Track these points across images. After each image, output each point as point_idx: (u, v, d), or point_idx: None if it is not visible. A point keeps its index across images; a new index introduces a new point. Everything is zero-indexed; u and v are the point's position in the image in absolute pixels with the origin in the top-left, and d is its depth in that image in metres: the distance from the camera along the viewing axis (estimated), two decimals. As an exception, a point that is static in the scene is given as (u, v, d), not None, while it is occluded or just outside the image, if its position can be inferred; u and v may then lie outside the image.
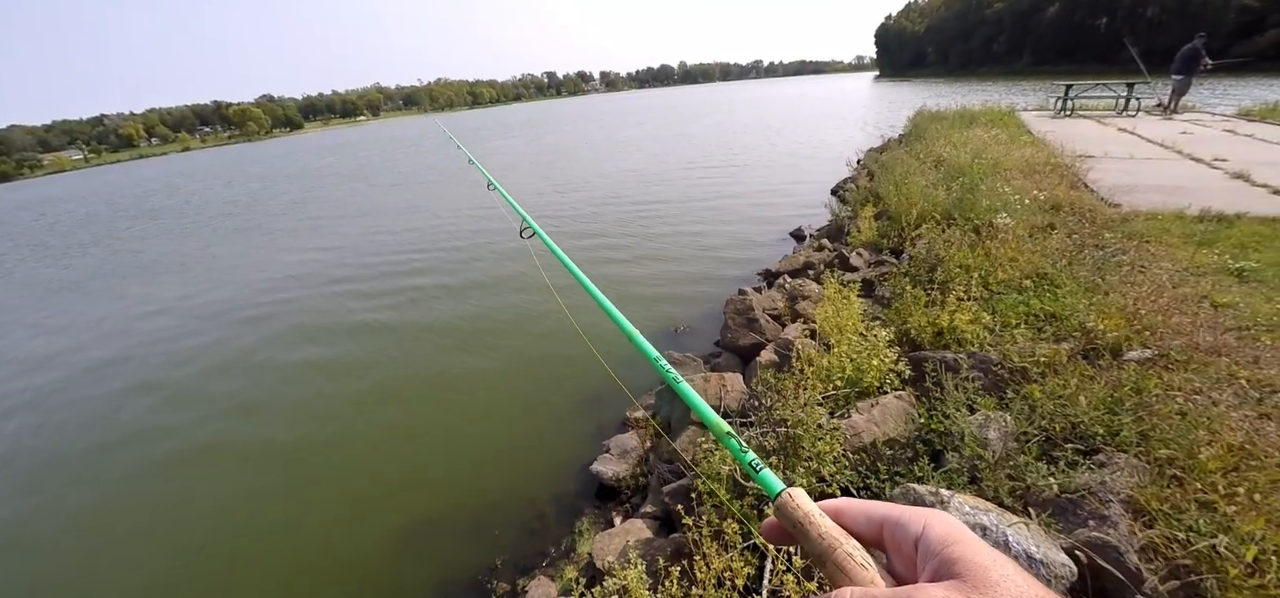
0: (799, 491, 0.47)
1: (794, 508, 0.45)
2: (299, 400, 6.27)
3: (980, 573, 0.35)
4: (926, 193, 6.38)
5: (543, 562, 3.71)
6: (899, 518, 0.42)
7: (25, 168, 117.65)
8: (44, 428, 6.31)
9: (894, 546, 0.42)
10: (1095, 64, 51.20)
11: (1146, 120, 11.95)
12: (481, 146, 35.77)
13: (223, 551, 4.19)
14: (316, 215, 18.26)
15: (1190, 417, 2.38)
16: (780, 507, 0.46)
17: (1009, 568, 0.35)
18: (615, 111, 68.25)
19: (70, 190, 50.84)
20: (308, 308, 9.16)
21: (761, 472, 0.52)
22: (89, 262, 15.52)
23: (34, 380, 7.64)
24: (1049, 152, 8.48)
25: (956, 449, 2.55)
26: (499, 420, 5.44)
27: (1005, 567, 0.35)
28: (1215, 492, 2.03)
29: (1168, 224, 5.03)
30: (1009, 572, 0.35)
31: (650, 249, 10.05)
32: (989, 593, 0.33)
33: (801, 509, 0.45)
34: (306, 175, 32.81)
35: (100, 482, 5.19)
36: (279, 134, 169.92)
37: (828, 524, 0.44)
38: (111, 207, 29.90)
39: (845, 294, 4.32)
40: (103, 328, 9.50)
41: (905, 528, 0.41)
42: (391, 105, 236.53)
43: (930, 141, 10.25)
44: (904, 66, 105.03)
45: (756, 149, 21.79)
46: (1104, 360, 3.00)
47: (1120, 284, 3.76)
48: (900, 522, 0.41)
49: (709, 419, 0.63)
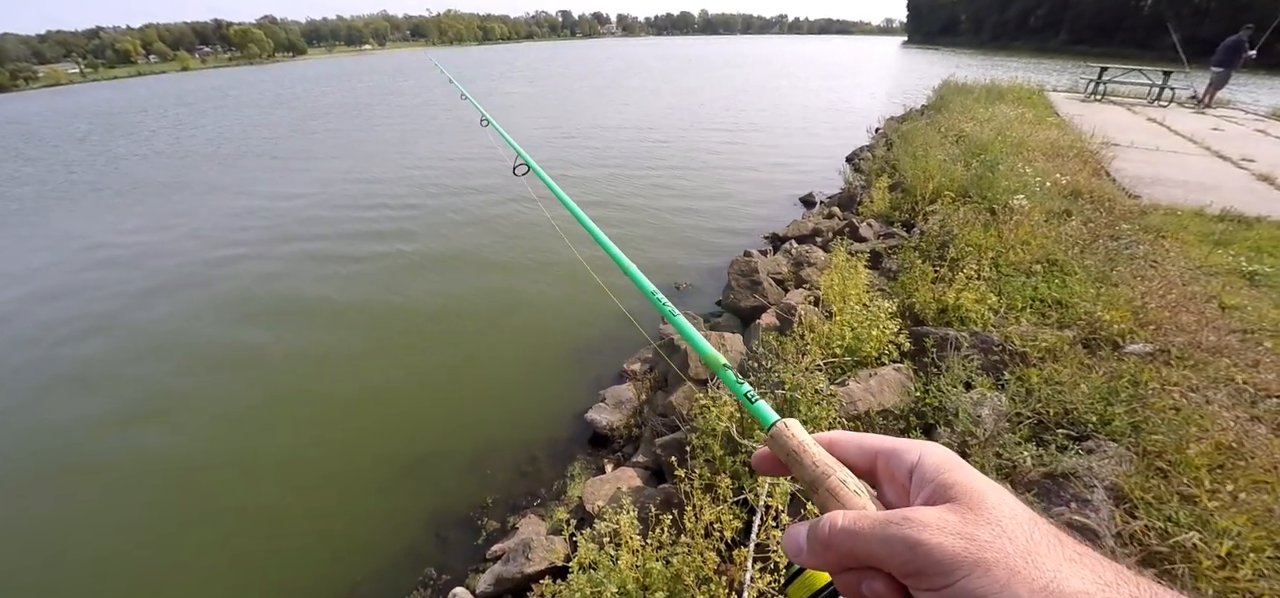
0: (793, 421, 0.47)
1: (788, 437, 0.45)
2: (295, 337, 6.29)
3: (976, 497, 0.34)
4: (944, 168, 6.26)
5: (534, 502, 3.82)
6: (894, 448, 0.41)
7: (20, 80, 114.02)
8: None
9: (888, 476, 0.41)
10: (1133, 47, 49.43)
11: (1178, 112, 11.59)
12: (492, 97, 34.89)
13: (218, 480, 4.26)
14: (305, 150, 18.06)
15: (1183, 412, 2.40)
16: (775, 436, 0.46)
17: (1004, 494, 0.35)
18: (626, 60, 66.14)
19: (81, 104, 49.83)
20: (293, 250, 9.15)
21: (756, 403, 0.51)
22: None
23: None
24: (1075, 136, 8.27)
25: (949, 425, 2.59)
26: (495, 365, 5.49)
27: (999, 492, 0.35)
28: (1200, 487, 2.06)
29: (1186, 221, 4.95)
30: (1004, 496, 0.35)
31: (656, 206, 9.95)
32: (983, 515, 0.33)
33: (796, 438, 0.45)
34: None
35: (80, 427, 4.96)
36: (281, 58, 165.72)
37: (821, 454, 0.44)
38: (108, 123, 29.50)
39: (852, 264, 4.30)
40: (144, 240, 9.54)
41: (900, 457, 0.40)
42: (398, 35, 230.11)
43: (954, 115, 9.98)
44: (934, 33, 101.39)
45: (771, 110, 21.28)
46: (1104, 351, 3.00)
47: (1130, 277, 3.73)
48: (895, 452, 0.41)
49: (705, 352, 0.63)
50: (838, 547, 0.37)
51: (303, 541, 3.74)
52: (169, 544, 3.74)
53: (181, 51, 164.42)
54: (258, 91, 43.89)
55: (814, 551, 0.39)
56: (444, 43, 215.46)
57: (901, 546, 0.33)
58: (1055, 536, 0.33)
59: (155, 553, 3.68)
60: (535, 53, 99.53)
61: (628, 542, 2.24)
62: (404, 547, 3.59)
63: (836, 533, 0.37)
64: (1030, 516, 0.34)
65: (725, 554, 2.26)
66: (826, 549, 0.38)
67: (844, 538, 0.37)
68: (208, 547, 3.71)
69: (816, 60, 55.35)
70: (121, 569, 3.59)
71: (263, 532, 3.83)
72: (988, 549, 0.31)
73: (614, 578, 2.18)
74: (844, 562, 0.37)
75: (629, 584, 2.16)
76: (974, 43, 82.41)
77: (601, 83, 35.38)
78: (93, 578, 3.56)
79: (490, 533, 3.62)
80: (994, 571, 0.31)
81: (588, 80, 37.71)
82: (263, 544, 3.74)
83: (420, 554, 3.53)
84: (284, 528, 3.85)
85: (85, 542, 3.79)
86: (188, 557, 3.64)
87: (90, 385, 5.49)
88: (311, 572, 3.51)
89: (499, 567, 3.11)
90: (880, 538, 0.35)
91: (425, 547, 3.59)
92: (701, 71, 42.29)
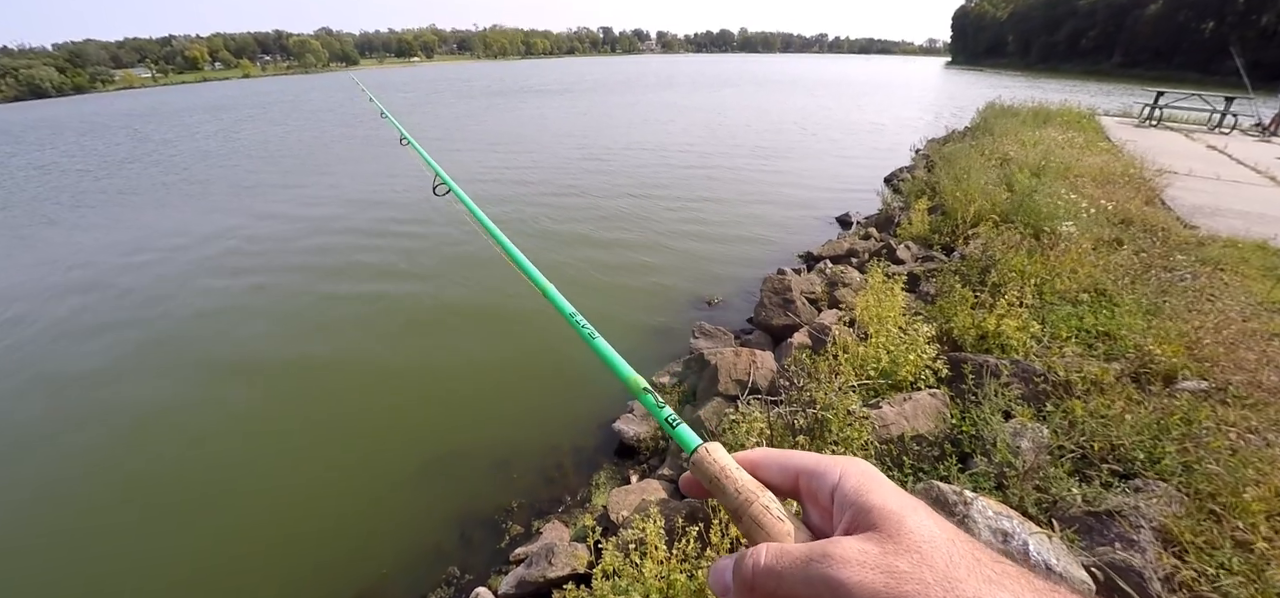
0: (716, 445, 0.45)
1: (710, 463, 0.44)
2: (336, 330, 6.54)
3: (895, 522, 0.34)
4: (987, 191, 6.11)
5: (558, 508, 3.86)
6: (814, 468, 0.41)
7: (98, 82, 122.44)
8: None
9: (810, 496, 0.40)
10: (1192, 72, 47.15)
11: (1241, 140, 11.03)
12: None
13: (248, 477, 4.40)
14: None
15: (1240, 454, 2.28)
16: (696, 462, 0.45)
17: (922, 515, 0.35)
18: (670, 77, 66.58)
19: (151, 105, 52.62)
20: (345, 245, 9.51)
21: (678, 427, 0.50)
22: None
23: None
24: (1126, 161, 7.96)
25: (986, 454, 2.53)
26: (525, 370, 5.58)
27: (918, 514, 0.35)
28: (1256, 533, 1.96)
29: (1247, 253, 4.70)
30: (922, 519, 0.34)
31: (693, 221, 10.00)
32: (902, 542, 0.33)
33: (717, 463, 0.43)
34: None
35: (109, 423, 5.12)
36: (335, 68, 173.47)
37: (744, 478, 0.42)
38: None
39: (889, 286, 4.24)
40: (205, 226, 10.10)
41: (821, 478, 0.40)
42: (445, 48, 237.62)
43: (998, 137, 9.74)
44: (979, 54, 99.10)
45: (809, 129, 21.15)
46: (1155, 386, 2.88)
47: (1185, 310, 3.57)
48: (815, 472, 0.40)
49: (624, 374, 0.62)
50: (762, 588, 0.36)
51: (330, 531, 3.87)
52: (198, 528, 3.90)
53: (244, 59, 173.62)
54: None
55: (740, 591, 0.38)
56: (489, 57, 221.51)
57: (823, 586, 0.33)
58: (974, 556, 0.32)
59: (186, 539, 3.84)
60: (577, 68, 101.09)
61: (653, 552, 2.26)
62: (429, 544, 3.67)
63: (759, 573, 0.36)
64: (949, 536, 0.33)
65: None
66: (751, 591, 0.37)
67: (767, 578, 0.36)
68: (237, 534, 3.87)
69: (857, 81, 54.79)
70: (150, 559, 3.73)
71: (291, 520, 3.98)
72: (907, 581, 0.31)
73: (638, 587, 2.19)
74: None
75: (652, 594, 2.17)
76: (1021, 64, 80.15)
77: (637, 98, 35.73)
78: (119, 568, 3.69)
79: (514, 536, 3.67)
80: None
81: (629, 97, 38.17)
82: (290, 532, 3.89)
83: (444, 552, 3.61)
84: (312, 518, 3.99)
85: (111, 531, 3.96)
86: (216, 543, 3.80)
87: (124, 375, 5.82)
88: (338, 562, 3.62)
89: (521, 570, 3.15)
90: (802, 578, 0.34)
91: (449, 545, 3.66)
92: (739, 89, 42.31)
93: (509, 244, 1.00)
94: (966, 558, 0.32)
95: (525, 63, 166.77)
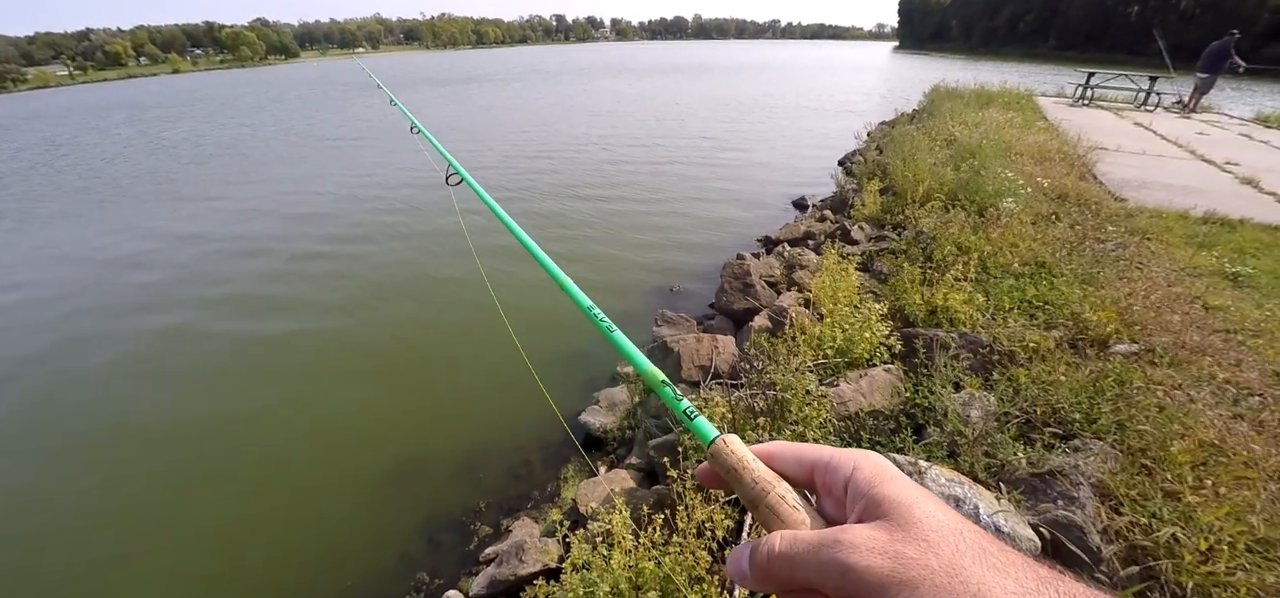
0: (733, 437, 0.47)
1: (728, 454, 0.45)
2: (289, 334, 6.29)
3: (904, 511, 0.36)
4: (934, 171, 6.32)
5: (527, 505, 3.81)
6: (830, 461, 0.42)
7: (8, 81, 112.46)
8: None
9: (825, 488, 0.42)
10: (1121, 53, 49.96)
11: (1165, 117, 11.76)
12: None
13: (208, 483, 4.22)
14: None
15: (1167, 411, 2.44)
16: (715, 453, 0.46)
17: (931, 505, 0.36)
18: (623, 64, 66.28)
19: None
20: (296, 246, 9.13)
21: (696, 420, 0.51)
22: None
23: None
24: (1062, 140, 8.38)
25: (938, 425, 2.62)
26: (486, 368, 5.45)
27: (927, 504, 0.36)
28: (1182, 483, 2.10)
29: (1171, 223, 5.02)
30: (931, 509, 0.36)
31: (650, 209, 9.98)
32: (910, 530, 0.34)
33: (735, 454, 0.45)
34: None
35: (64, 417, 5.18)
36: (274, 62, 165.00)
37: (761, 470, 0.44)
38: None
39: (844, 267, 4.33)
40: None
41: (835, 470, 0.41)
42: (392, 38, 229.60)
43: (944, 119, 10.08)
44: (925, 39, 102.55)
45: (764, 114, 21.43)
46: (1091, 351, 3.05)
47: (1116, 278, 3.79)
48: (830, 464, 0.42)
49: (643, 368, 0.63)
50: (777, 573, 0.38)
51: (292, 546, 3.71)
52: (160, 546, 3.70)
53: (173, 54, 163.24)
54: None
55: (756, 576, 0.39)
56: (438, 46, 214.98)
57: (834, 569, 0.35)
58: (980, 544, 0.34)
59: (147, 555, 3.64)
60: (529, 57, 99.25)
61: (620, 541, 2.25)
62: (395, 552, 3.57)
63: (774, 558, 0.38)
64: (956, 526, 0.35)
65: (717, 553, 2.28)
66: (767, 576, 0.39)
67: (782, 563, 0.38)
68: (198, 551, 3.67)
69: (808, 65, 55.73)
70: (114, 571, 3.55)
71: (252, 536, 3.79)
72: (914, 567, 0.33)
73: (607, 578, 2.18)
74: (784, 586, 0.38)
75: (622, 584, 2.16)
76: (964, 48, 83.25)
77: (589, 85, 35.36)
78: (83, 580, 3.51)
79: (483, 536, 3.60)
80: (921, 589, 0.32)
81: (581, 85, 37.71)
82: (252, 549, 3.71)
83: (412, 559, 3.51)
84: (272, 533, 3.82)
85: (73, 542, 3.75)
86: (178, 559, 3.61)
87: (87, 382, 5.44)
88: (301, 578, 3.48)
89: (492, 569, 3.11)
90: (815, 563, 0.36)
91: (417, 551, 3.57)
92: (690, 77, 42.44)
93: (524, 236, 0.99)
94: (973, 547, 0.34)
95: (476, 52, 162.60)
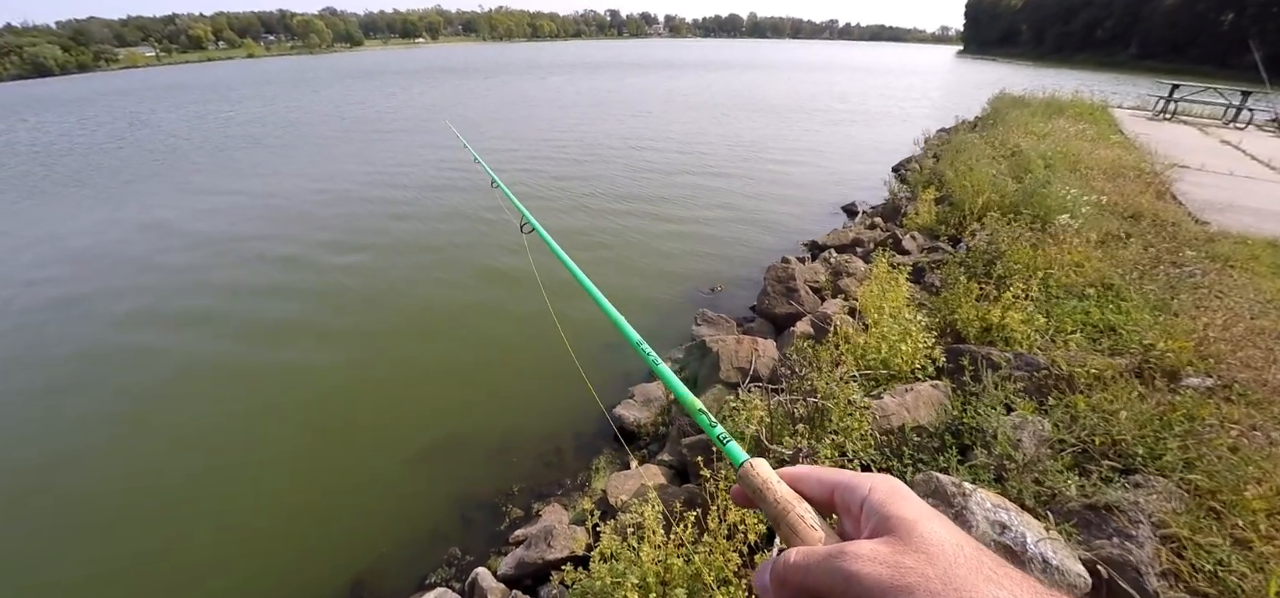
0: (760, 461, 0.50)
1: (754, 476, 0.49)
2: (333, 319, 6.51)
3: (908, 527, 0.38)
4: (995, 182, 6.04)
5: (558, 491, 3.89)
6: (849, 483, 0.45)
7: (102, 61, 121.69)
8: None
9: (844, 507, 0.45)
10: (1209, 65, 46.31)
11: (1257, 135, 10.85)
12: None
13: (251, 460, 4.42)
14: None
15: (1243, 453, 2.26)
16: (743, 475, 0.50)
17: (935, 523, 0.39)
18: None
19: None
20: (341, 227, 9.52)
21: (728, 444, 0.55)
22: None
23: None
24: (1138, 155, 7.85)
25: (986, 447, 2.52)
26: (527, 356, 5.58)
27: (931, 521, 0.39)
28: (1255, 532, 1.95)
29: (1258, 251, 4.65)
30: (934, 527, 0.38)
31: (698, 207, 9.95)
32: (912, 543, 0.37)
33: (760, 476, 0.49)
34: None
35: (113, 394, 5.26)
36: (340, 49, 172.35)
37: (784, 490, 0.47)
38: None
39: (893, 276, 4.21)
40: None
41: (853, 492, 0.44)
42: (451, 30, 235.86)
43: (1008, 128, 9.62)
44: (992, 43, 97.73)
45: (817, 116, 20.96)
46: (1159, 382, 2.86)
47: (1192, 306, 3.53)
48: (849, 486, 0.45)
49: (682, 396, 0.66)
50: (791, 582, 0.41)
51: (330, 512, 3.92)
52: (201, 512, 3.95)
53: (248, 39, 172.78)
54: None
55: (774, 585, 0.43)
56: (494, 39, 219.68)
57: (840, 577, 0.38)
58: (978, 558, 0.36)
59: (188, 523, 3.87)
60: (583, 52, 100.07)
61: (650, 536, 2.27)
62: (429, 525, 3.71)
63: (789, 569, 0.42)
64: (957, 541, 0.37)
65: (747, 558, 2.26)
66: (783, 585, 0.42)
67: (794, 573, 0.41)
68: (238, 516, 3.90)
69: (867, 68, 54.08)
70: (152, 544, 3.74)
71: (290, 501, 4.02)
72: (911, 574, 0.35)
73: (635, 570, 2.20)
74: (798, 594, 0.41)
75: (649, 578, 2.18)
76: (1034, 54, 78.95)
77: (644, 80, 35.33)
78: (121, 551, 3.73)
79: (514, 519, 3.70)
80: (916, 594, 0.34)
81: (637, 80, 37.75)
82: (290, 513, 3.93)
83: (444, 534, 3.65)
84: (311, 498, 4.04)
85: (121, 506, 4.03)
86: (218, 526, 3.83)
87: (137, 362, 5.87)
88: (338, 542, 3.67)
89: (521, 551, 3.19)
90: (824, 571, 0.39)
91: (449, 527, 3.70)
92: (742, 75, 41.86)
93: (588, 282, 1.08)
94: (970, 559, 0.36)
95: (531, 46, 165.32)
